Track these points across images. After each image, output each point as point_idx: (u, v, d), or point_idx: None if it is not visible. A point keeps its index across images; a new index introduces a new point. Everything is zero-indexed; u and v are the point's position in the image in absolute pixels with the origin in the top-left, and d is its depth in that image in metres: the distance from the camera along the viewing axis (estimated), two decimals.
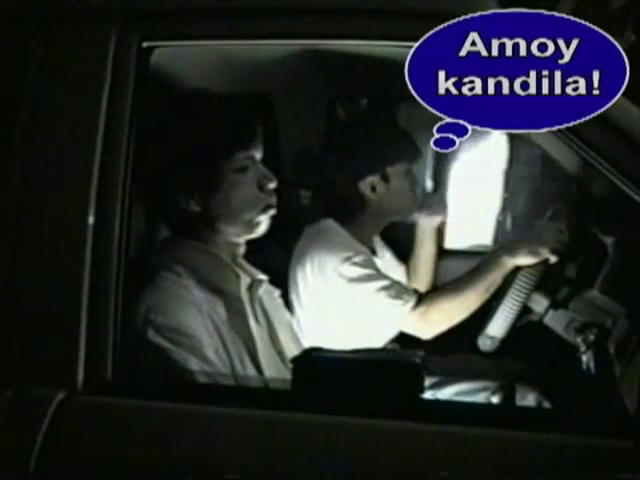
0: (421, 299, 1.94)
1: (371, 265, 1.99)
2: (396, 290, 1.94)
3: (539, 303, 1.86)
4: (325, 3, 1.35)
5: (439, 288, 2.04)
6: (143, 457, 1.26)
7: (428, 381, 1.47)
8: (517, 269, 1.86)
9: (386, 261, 2.24)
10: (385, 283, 1.95)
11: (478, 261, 2.05)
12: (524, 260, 1.84)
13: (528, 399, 2.09)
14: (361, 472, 1.21)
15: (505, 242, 2.07)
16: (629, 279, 1.74)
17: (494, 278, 1.89)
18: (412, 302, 1.92)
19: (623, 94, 1.26)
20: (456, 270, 2.13)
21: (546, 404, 2.06)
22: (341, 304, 1.98)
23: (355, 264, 1.95)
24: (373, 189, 2.06)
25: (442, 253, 2.35)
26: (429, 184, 2.74)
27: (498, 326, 1.84)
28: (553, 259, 1.83)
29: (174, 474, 1.25)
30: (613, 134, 1.23)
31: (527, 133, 2.39)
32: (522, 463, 1.19)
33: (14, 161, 1.33)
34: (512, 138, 2.62)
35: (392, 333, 2.08)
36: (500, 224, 2.57)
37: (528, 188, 2.59)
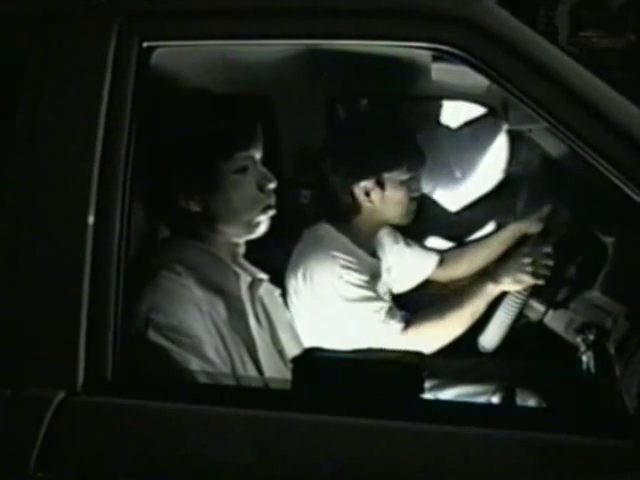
0: (409, 323, 1.94)
1: (365, 284, 1.97)
2: (385, 313, 1.93)
3: (535, 310, 1.86)
4: (325, 3, 1.35)
5: (426, 312, 2.02)
6: (143, 457, 1.26)
7: (428, 383, 1.47)
8: None
9: (391, 255, 2.23)
10: (376, 306, 1.94)
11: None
12: (509, 287, 1.85)
13: (528, 400, 2.09)
14: (361, 472, 1.21)
15: (489, 269, 2.07)
16: (629, 279, 1.74)
17: (478, 305, 1.90)
18: (400, 327, 1.92)
19: (623, 94, 1.26)
20: None
21: (546, 404, 2.06)
22: (330, 318, 1.97)
23: (348, 282, 1.94)
24: (367, 194, 2.04)
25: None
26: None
27: (489, 338, 1.86)
28: (539, 283, 1.83)
29: (174, 474, 1.25)
30: (613, 134, 1.23)
31: (527, 133, 2.40)
32: (522, 463, 1.19)
33: (14, 161, 1.33)
34: (512, 137, 2.63)
35: None
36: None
37: (528, 188, 2.60)
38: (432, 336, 1.93)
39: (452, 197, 2.83)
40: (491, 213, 2.68)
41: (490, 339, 1.86)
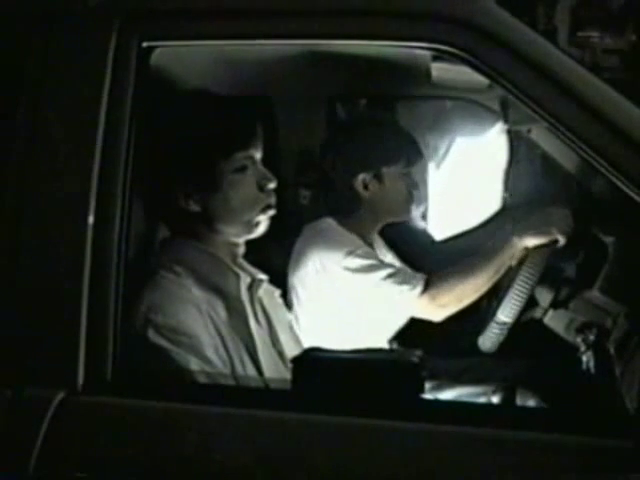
0: (429, 283, 1.93)
1: (373, 255, 2.00)
2: (402, 276, 1.94)
3: (544, 296, 1.85)
4: (325, 3, 1.35)
5: (448, 270, 2.02)
6: (143, 457, 1.26)
7: (428, 383, 1.47)
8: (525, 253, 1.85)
9: (387, 259, 2.24)
10: (391, 270, 1.95)
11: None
12: (533, 241, 1.82)
13: (528, 400, 2.09)
14: (361, 472, 1.21)
15: (514, 224, 2.04)
16: (629, 279, 1.74)
17: (503, 259, 1.87)
18: (420, 286, 1.92)
19: (623, 94, 1.26)
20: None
21: (546, 404, 2.06)
22: (349, 297, 1.98)
23: (358, 256, 1.96)
24: (366, 187, 2.06)
25: None
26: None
27: (508, 310, 1.80)
28: (562, 241, 1.81)
29: (174, 474, 1.25)
30: (613, 134, 1.23)
31: (527, 132, 2.40)
32: (522, 463, 1.19)
33: (14, 161, 1.33)
34: (512, 137, 2.62)
35: (402, 320, 2.06)
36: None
37: (528, 188, 2.60)
38: (456, 294, 1.92)
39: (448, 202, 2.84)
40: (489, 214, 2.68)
41: (509, 311, 1.82)
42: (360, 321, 1.99)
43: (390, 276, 1.93)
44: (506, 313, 1.81)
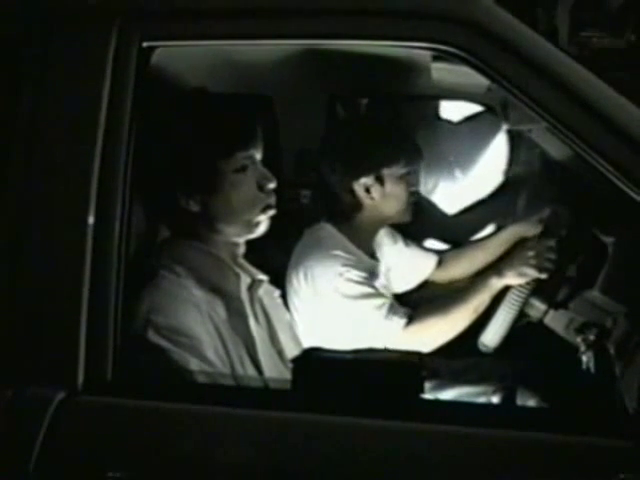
0: (412, 319, 1.93)
1: (366, 281, 1.97)
2: (388, 309, 1.93)
3: (536, 308, 1.86)
4: (325, 3, 1.35)
5: (429, 307, 2.02)
6: (143, 457, 1.26)
7: (428, 383, 1.47)
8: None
9: (390, 255, 2.23)
10: (378, 302, 1.94)
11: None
12: (512, 281, 1.86)
13: (528, 400, 2.09)
14: (360, 472, 1.21)
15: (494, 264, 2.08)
16: (629, 279, 1.74)
17: (482, 299, 1.90)
18: (403, 322, 1.92)
19: (623, 94, 1.26)
20: None
21: (546, 404, 2.06)
22: (332, 317, 1.96)
23: (350, 280, 1.94)
24: (367, 191, 2.04)
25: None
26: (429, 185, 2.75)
27: (491, 335, 1.86)
28: (542, 277, 1.83)
29: (174, 474, 1.25)
30: (613, 134, 1.23)
31: (527, 132, 2.40)
32: (522, 463, 1.19)
33: (14, 161, 1.33)
34: (512, 137, 2.62)
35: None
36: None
37: (528, 187, 2.60)
38: (436, 331, 1.93)
39: (451, 198, 2.83)
40: (491, 213, 2.68)
41: (492, 337, 1.85)
42: (341, 339, 1.98)
43: (376, 308, 1.93)
44: (489, 339, 1.86)
